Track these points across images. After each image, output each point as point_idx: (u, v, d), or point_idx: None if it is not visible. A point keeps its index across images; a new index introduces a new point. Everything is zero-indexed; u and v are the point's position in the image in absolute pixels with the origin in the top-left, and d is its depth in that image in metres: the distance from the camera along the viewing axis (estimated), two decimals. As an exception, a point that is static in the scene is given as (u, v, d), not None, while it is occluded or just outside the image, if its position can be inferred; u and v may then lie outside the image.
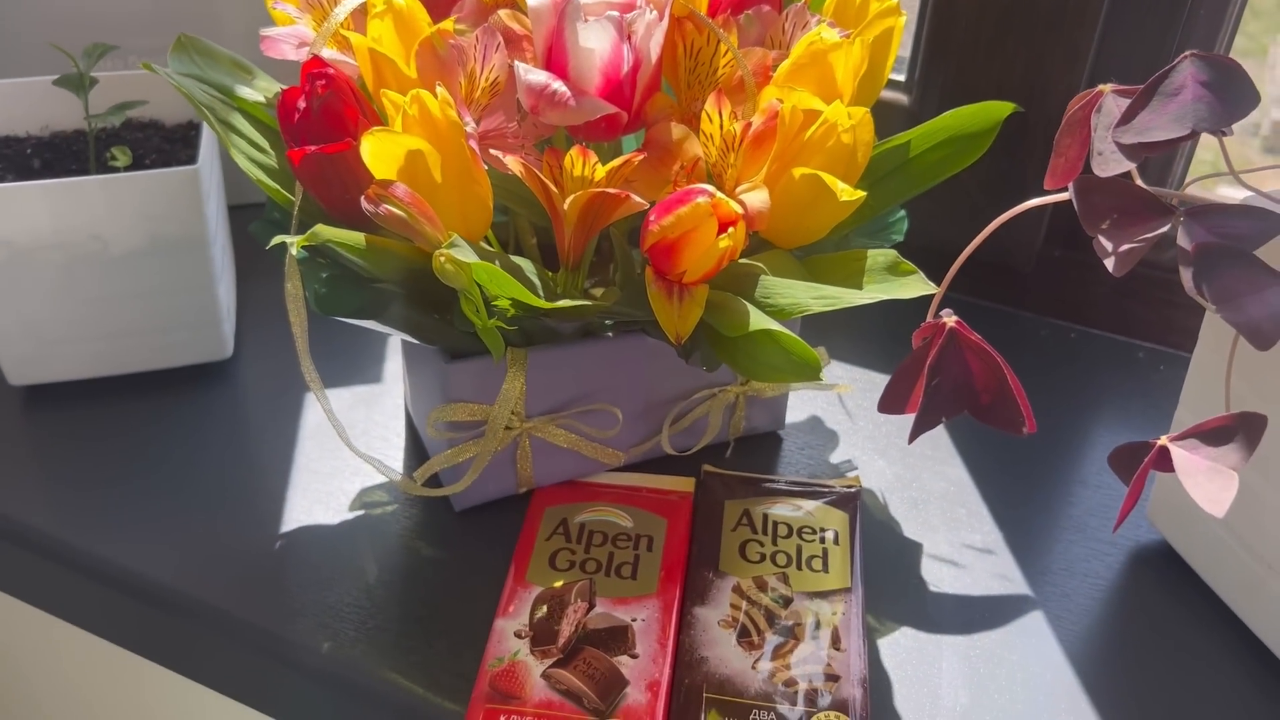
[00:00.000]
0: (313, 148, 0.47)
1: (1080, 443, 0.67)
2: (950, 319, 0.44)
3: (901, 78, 0.74)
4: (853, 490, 0.61)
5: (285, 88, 0.48)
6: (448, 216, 0.48)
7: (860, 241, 0.58)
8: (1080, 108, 0.44)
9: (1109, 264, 0.44)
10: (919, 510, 0.62)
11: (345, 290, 0.51)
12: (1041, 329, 0.77)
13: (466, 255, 0.45)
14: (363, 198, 0.46)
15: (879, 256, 0.49)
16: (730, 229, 0.46)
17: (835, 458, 0.65)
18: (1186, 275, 0.43)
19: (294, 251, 0.44)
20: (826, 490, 0.61)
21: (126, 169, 0.65)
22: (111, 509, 0.59)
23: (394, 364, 0.71)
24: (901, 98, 0.74)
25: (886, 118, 0.73)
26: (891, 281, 0.47)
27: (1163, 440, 0.42)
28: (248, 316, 0.74)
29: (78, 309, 0.64)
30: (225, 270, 0.69)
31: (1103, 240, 0.44)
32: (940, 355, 0.44)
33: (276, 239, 0.45)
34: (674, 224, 0.46)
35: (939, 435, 0.67)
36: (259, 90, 0.57)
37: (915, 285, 0.46)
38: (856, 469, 0.65)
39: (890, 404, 0.46)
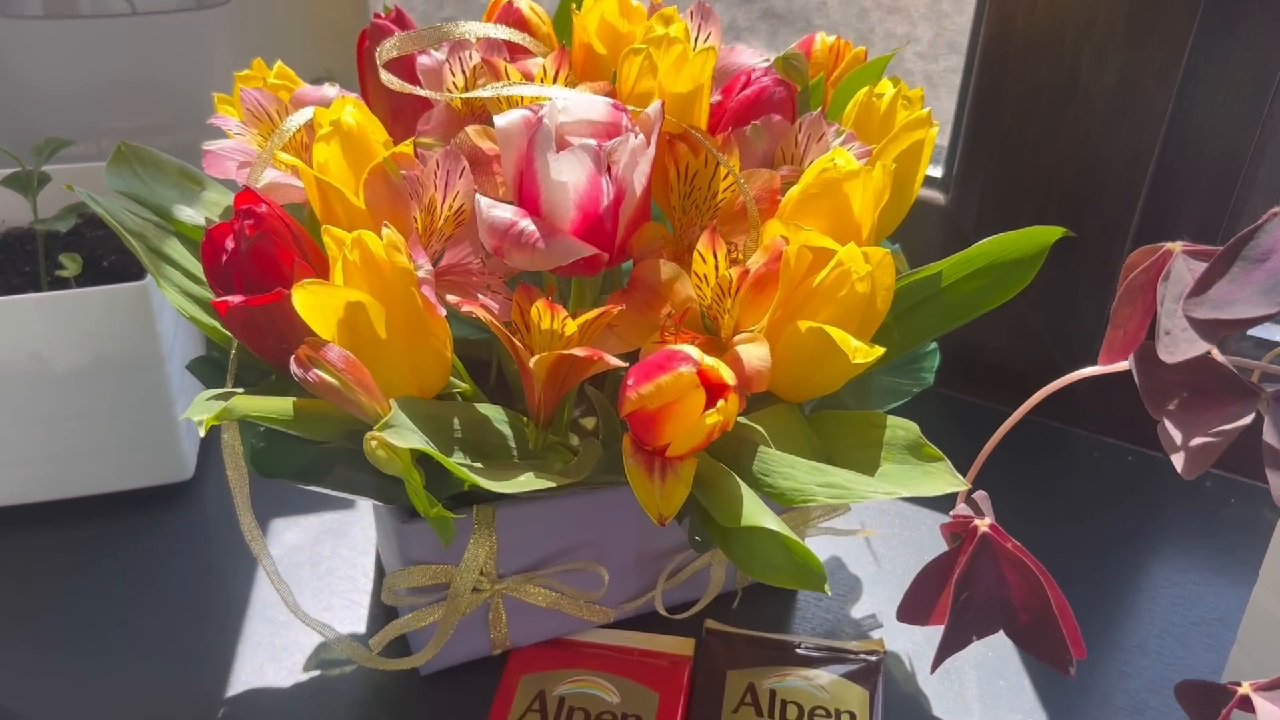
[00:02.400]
0: (238, 298, 0.41)
1: (1138, 594, 0.59)
2: (983, 522, 0.36)
3: (938, 173, 0.66)
4: (875, 658, 0.53)
5: (212, 225, 0.42)
6: (396, 375, 0.42)
7: (884, 381, 0.50)
8: (1143, 271, 0.37)
9: (1177, 461, 0.36)
10: (951, 682, 0.54)
11: (287, 448, 0.45)
12: (1094, 449, 0.69)
13: (403, 437, 0.38)
14: (291, 360, 0.39)
15: (899, 430, 0.41)
16: (720, 401, 0.39)
17: (858, 611, 0.58)
18: (1276, 481, 0.35)
19: (202, 433, 0.37)
20: (846, 657, 0.53)
21: (76, 277, 0.60)
22: (43, 659, 0.53)
23: (369, 487, 0.65)
24: (937, 196, 0.66)
25: (920, 219, 0.65)
26: (912, 467, 0.40)
27: (1245, 688, 0.34)
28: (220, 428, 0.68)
29: (17, 430, 0.58)
30: (189, 382, 0.63)
31: (1169, 426, 0.37)
32: (971, 565, 0.36)
33: (191, 411, 0.39)
34: (653, 394, 0.39)
35: (976, 585, 0.59)
36: (206, 206, 0.51)
37: (940, 478, 0.38)
38: (881, 626, 0.57)
39: (911, 613, 0.38)
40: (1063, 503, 0.65)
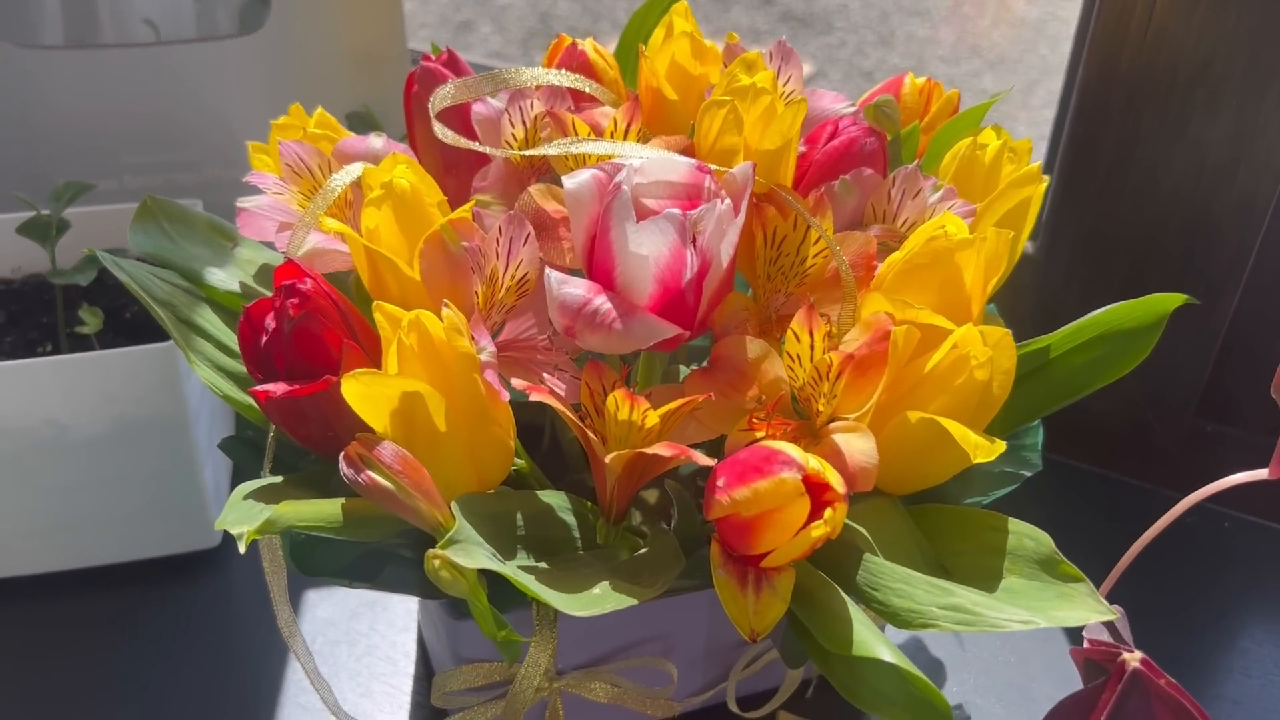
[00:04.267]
0: (280, 388, 0.36)
1: (1249, 681, 0.54)
2: (1134, 656, 0.32)
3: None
4: (966, 759, 0.49)
5: (249, 297, 0.37)
6: (455, 470, 0.37)
7: (984, 464, 0.45)
8: (1323, 371, 0.32)
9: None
10: (1049, 785, 0.49)
11: (331, 546, 0.40)
12: (1188, 514, 0.64)
13: (470, 554, 0.33)
14: (341, 459, 0.35)
15: (1026, 539, 0.37)
16: (828, 511, 0.34)
17: (941, 701, 0.53)
18: None
19: (242, 548, 0.33)
20: (932, 757, 0.49)
21: (97, 333, 0.55)
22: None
23: (409, 555, 0.60)
24: (1025, 245, 0.61)
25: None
26: (1044, 586, 0.35)
27: None
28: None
29: (35, 498, 0.54)
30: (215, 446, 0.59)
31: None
32: (1119, 706, 0.31)
33: (225, 521, 0.34)
34: (750, 500, 0.35)
35: (1070, 673, 0.54)
36: (239, 265, 0.46)
37: (1080, 604, 0.33)
38: (969, 718, 0.52)
39: (1043, 753, 0.33)
40: (1155, 572, 0.60)
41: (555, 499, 0.42)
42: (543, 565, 0.38)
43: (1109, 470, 0.65)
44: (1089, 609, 0.33)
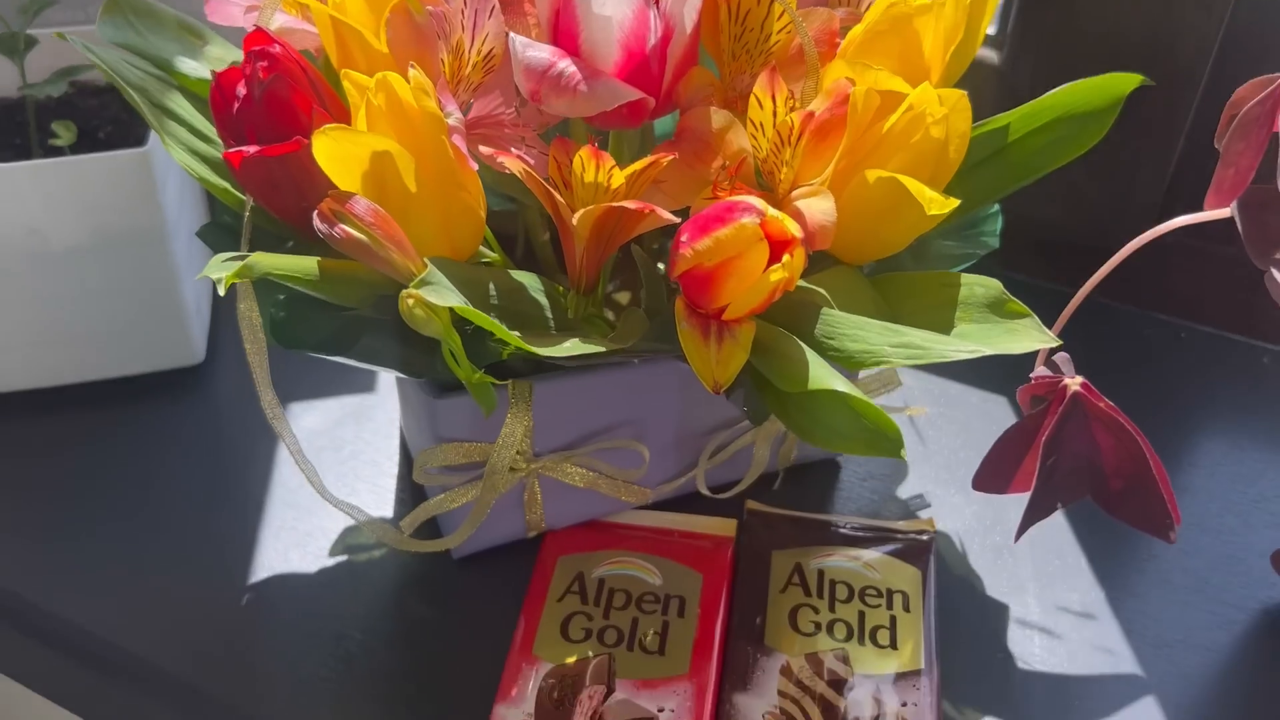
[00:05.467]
0: (253, 149, 0.37)
1: (1195, 470, 0.57)
2: (1074, 381, 0.33)
3: (991, 29, 0.62)
4: (925, 538, 0.51)
5: (221, 70, 0.38)
6: (427, 232, 0.38)
7: (944, 246, 0.47)
8: (1258, 104, 0.33)
9: (1291, 312, 0.33)
10: (1004, 561, 0.52)
11: (309, 317, 0.41)
12: (1146, 326, 0.66)
13: (442, 295, 0.35)
14: (315, 215, 0.36)
15: (977, 287, 0.38)
16: (785, 256, 0.36)
17: (904, 492, 0.55)
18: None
19: (222, 291, 0.34)
20: (894, 536, 0.51)
21: (71, 147, 0.56)
22: (54, 551, 0.51)
23: (389, 370, 0.62)
24: (990, 54, 0.62)
25: (969, 79, 0.61)
26: (994, 325, 0.36)
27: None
28: (230, 308, 0.65)
29: (14, 312, 0.55)
30: (196, 260, 0.60)
31: (1278, 276, 0.34)
32: (1060, 427, 0.33)
33: (207, 270, 0.35)
34: (711, 249, 0.36)
35: (1027, 464, 0.57)
36: (209, 60, 0.47)
37: (1026, 335, 0.35)
38: (929, 506, 0.55)
39: (989, 481, 0.36)
40: (1112, 381, 0.62)
41: (528, 279, 0.43)
42: (515, 333, 0.40)
43: (1065, 285, 0.66)
44: (1033, 339, 0.35)
